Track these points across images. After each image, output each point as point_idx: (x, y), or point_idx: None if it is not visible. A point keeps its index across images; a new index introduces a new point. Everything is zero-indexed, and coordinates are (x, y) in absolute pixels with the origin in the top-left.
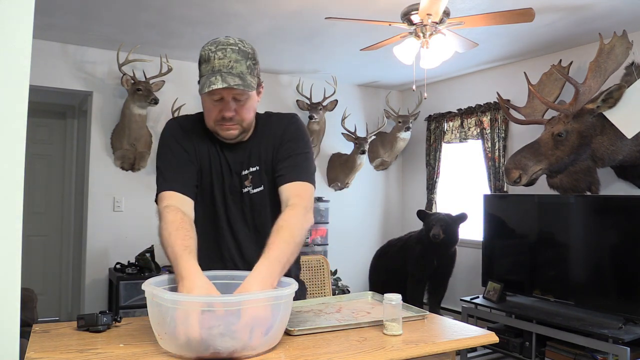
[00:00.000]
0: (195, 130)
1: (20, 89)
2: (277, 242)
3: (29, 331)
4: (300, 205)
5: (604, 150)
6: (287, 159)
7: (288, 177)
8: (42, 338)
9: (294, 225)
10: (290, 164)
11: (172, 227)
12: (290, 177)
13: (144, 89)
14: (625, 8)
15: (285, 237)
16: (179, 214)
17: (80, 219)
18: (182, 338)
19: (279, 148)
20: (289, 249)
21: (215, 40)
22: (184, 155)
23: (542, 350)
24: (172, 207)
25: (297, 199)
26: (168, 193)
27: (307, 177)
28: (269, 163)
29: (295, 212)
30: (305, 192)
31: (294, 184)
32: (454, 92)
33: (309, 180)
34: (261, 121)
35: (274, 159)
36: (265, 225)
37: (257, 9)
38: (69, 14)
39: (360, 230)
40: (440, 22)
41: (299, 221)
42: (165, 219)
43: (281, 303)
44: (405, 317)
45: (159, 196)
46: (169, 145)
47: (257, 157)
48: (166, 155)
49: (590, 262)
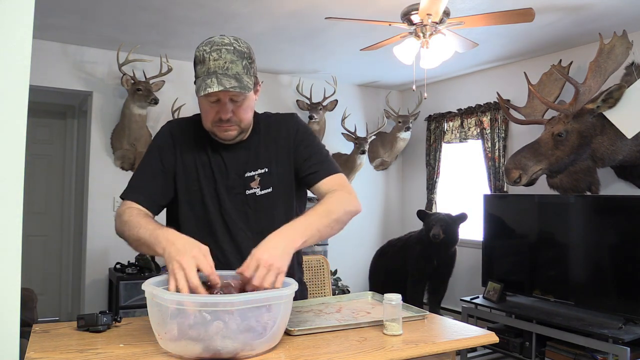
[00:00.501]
0: (186, 135)
1: (20, 89)
2: (308, 212)
3: (29, 331)
4: (342, 190)
5: (604, 150)
6: (312, 156)
7: (322, 173)
8: (42, 338)
9: (331, 202)
10: (317, 160)
11: (140, 216)
12: (325, 172)
13: (144, 89)
14: (625, 8)
15: (319, 210)
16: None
17: (80, 219)
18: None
19: (296, 149)
20: (321, 221)
21: (209, 40)
22: (158, 168)
23: (542, 350)
24: (135, 208)
25: (339, 187)
26: (130, 203)
27: (337, 168)
28: (283, 164)
29: (336, 194)
30: (344, 182)
31: (330, 178)
32: (454, 92)
33: (339, 171)
34: (262, 122)
35: (289, 160)
36: (271, 228)
37: (257, 9)
38: (69, 14)
39: (360, 230)
40: (440, 22)
41: (338, 200)
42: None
43: (281, 303)
44: (405, 317)
45: (123, 201)
46: (149, 153)
47: (267, 159)
48: (143, 163)
49: (590, 262)
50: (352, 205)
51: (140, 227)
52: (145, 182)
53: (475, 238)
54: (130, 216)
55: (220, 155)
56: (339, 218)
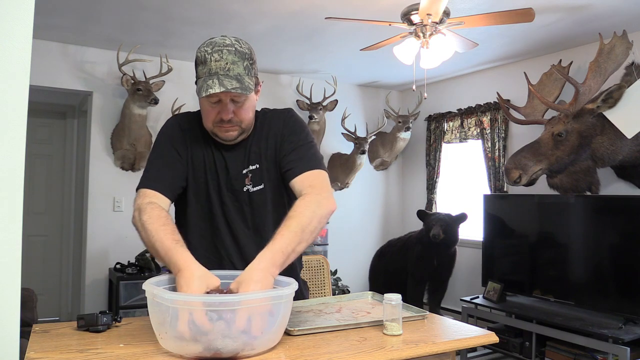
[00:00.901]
0: (194, 129)
1: (21, 89)
2: (283, 232)
3: (29, 331)
4: (312, 194)
5: (604, 150)
6: (292, 152)
7: (297, 170)
8: (42, 338)
9: (303, 214)
10: (296, 156)
11: (159, 223)
12: (299, 169)
13: (144, 89)
14: (625, 8)
15: (292, 226)
16: (163, 211)
17: (80, 219)
18: (180, 334)
19: (282, 144)
20: (296, 239)
21: (211, 41)
22: (173, 156)
23: (542, 350)
24: (155, 204)
25: (309, 189)
26: (150, 191)
27: (316, 164)
28: (271, 160)
29: (306, 201)
30: (316, 179)
31: (304, 175)
32: (454, 92)
33: (318, 167)
34: (259, 119)
35: (277, 155)
36: (264, 225)
37: (257, 9)
38: (69, 14)
39: (360, 230)
40: (440, 22)
41: (310, 209)
42: (149, 214)
43: (281, 303)
44: (405, 317)
45: (141, 192)
46: (161, 143)
47: (257, 155)
48: (157, 153)
49: (590, 262)
50: (325, 208)
51: (157, 241)
52: (162, 171)
53: (475, 238)
54: (149, 218)
55: (221, 153)
56: (313, 229)
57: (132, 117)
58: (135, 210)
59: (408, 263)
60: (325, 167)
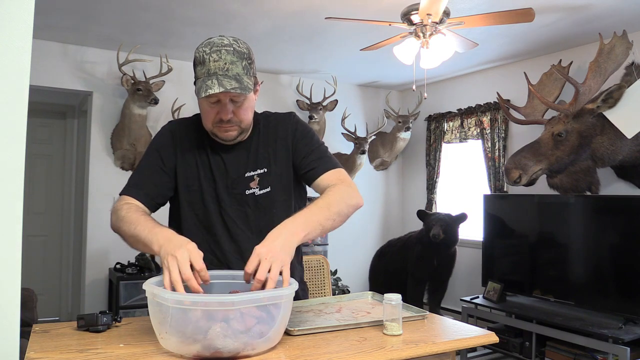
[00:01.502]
0: (188, 135)
1: (21, 89)
2: (310, 206)
3: (29, 331)
4: (343, 184)
5: (604, 150)
6: (311, 153)
7: (322, 168)
8: (42, 338)
9: (332, 196)
10: (316, 156)
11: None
12: (324, 167)
13: (144, 89)
14: (625, 8)
15: (320, 203)
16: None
17: (80, 219)
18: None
19: (296, 147)
20: (323, 214)
21: (209, 41)
22: (158, 165)
23: (542, 350)
24: (133, 205)
25: (339, 181)
26: (129, 198)
27: (337, 164)
28: (283, 164)
29: (336, 188)
30: (344, 175)
31: (330, 172)
32: (454, 92)
33: (340, 166)
34: (262, 122)
35: (290, 159)
36: (269, 227)
37: (257, 9)
38: (69, 14)
39: (360, 230)
40: (440, 22)
41: (339, 193)
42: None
43: (282, 302)
44: (405, 317)
45: (120, 197)
46: (149, 152)
47: (266, 159)
48: (143, 161)
49: (590, 262)
50: (354, 199)
51: (138, 224)
52: (144, 179)
53: (475, 238)
54: (127, 212)
55: (220, 156)
56: (340, 211)
57: (132, 117)
58: (112, 213)
59: (408, 263)
60: None
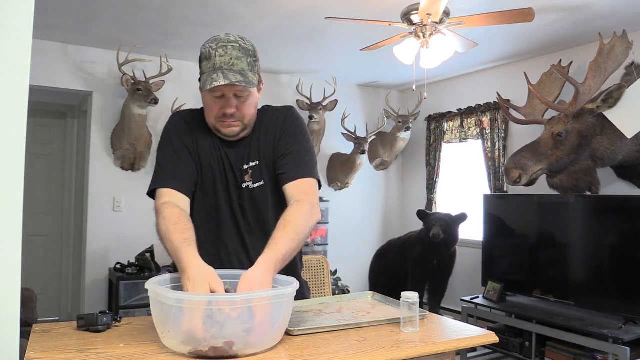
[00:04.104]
0: (199, 125)
1: (21, 89)
2: (282, 237)
3: (29, 331)
4: (307, 202)
5: (604, 150)
6: (288, 155)
7: (291, 175)
8: (42, 338)
9: (299, 221)
10: (291, 160)
11: (170, 222)
12: (294, 174)
13: (144, 89)
14: (625, 8)
15: (291, 233)
16: (176, 209)
17: (80, 219)
18: (185, 332)
19: (278, 142)
20: (293, 245)
21: (215, 38)
22: (184, 151)
23: (542, 350)
24: (170, 204)
25: (304, 196)
26: (165, 190)
27: (310, 171)
28: (269, 157)
29: (302, 208)
30: (310, 187)
31: (298, 182)
32: (454, 92)
33: (312, 174)
34: (259, 116)
35: (274, 153)
36: (266, 221)
37: (257, 9)
38: (69, 14)
39: (360, 230)
40: (440, 22)
41: (305, 217)
42: (163, 215)
43: (282, 302)
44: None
45: (157, 192)
46: (170, 140)
47: (257, 151)
48: (167, 150)
49: (590, 262)
50: (315, 218)
51: (167, 241)
52: (175, 166)
53: (475, 238)
54: (163, 220)
55: (224, 149)
56: (306, 236)
57: (132, 117)
58: (156, 217)
59: (408, 263)
60: (318, 175)
